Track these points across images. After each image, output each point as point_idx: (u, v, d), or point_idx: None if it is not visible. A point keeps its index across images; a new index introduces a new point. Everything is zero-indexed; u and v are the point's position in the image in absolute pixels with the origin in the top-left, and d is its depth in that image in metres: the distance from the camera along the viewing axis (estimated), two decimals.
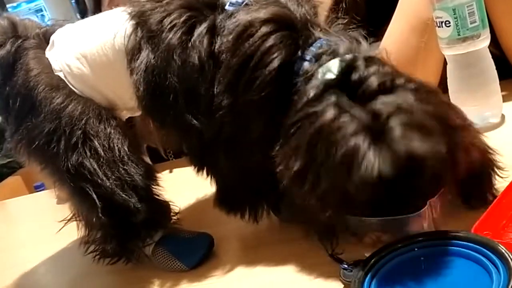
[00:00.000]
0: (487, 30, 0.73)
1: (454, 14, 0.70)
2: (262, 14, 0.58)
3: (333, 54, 0.56)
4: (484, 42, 0.72)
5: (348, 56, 0.55)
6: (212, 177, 0.68)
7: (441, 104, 0.54)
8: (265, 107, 0.58)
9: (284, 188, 0.55)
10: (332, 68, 0.54)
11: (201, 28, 0.60)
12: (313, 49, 0.58)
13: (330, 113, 0.51)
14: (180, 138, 0.68)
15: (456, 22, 0.71)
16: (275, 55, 0.56)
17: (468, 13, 0.70)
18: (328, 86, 0.53)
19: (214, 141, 0.62)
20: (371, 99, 0.50)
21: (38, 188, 2.07)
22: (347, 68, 0.54)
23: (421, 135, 0.48)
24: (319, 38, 0.58)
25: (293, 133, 0.54)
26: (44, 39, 0.70)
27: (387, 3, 0.89)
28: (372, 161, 0.47)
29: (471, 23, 0.71)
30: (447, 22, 0.71)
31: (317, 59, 0.56)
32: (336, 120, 0.50)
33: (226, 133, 0.60)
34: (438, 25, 0.73)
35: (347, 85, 0.53)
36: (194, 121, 0.61)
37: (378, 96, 0.50)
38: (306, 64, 0.57)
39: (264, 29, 0.57)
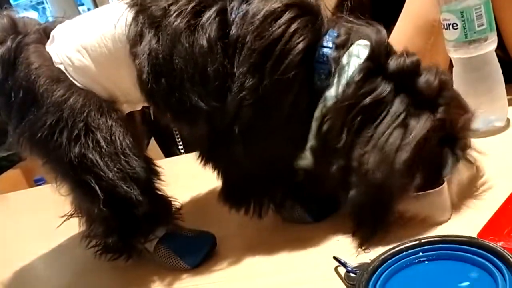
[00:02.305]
0: (495, 34, 0.72)
1: (461, 16, 0.70)
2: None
3: (359, 39, 0.60)
4: (491, 45, 0.72)
5: (374, 42, 0.59)
6: (219, 170, 0.68)
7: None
8: (292, 88, 0.60)
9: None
10: (359, 53, 0.59)
11: (211, 12, 0.60)
12: (329, 37, 0.61)
13: (397, 108, 0.58)
14: (186, 126, 0.68)
15: (464, 25, 0.70)
16: (301, 38, 0.59)
17: (476, 16, 0.70)
18: (369, 73, 0.58)
19: (228, 128, 0.62)
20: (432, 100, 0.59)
21: (38, 182, 2.07)
22: (377, 54, 0.59)
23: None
24: (333, 26, 0.62)
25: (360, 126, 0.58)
26: (44, 34, 0.71)
27: (393, 3, 0.89)
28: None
29: (478, 26, 0.70)
30: (454, 25, 0.71)
31: (343, 46, 0.60)
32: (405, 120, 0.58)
33: (245, 117, 0.60)
34: (445, 27, 0.73)
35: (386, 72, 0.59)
36: (200, 102, 0.61)
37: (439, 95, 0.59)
38: (328, 51, 0.60)
39: (289, 13, 0.59)
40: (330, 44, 0.60)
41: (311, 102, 0.61)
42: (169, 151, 1.40)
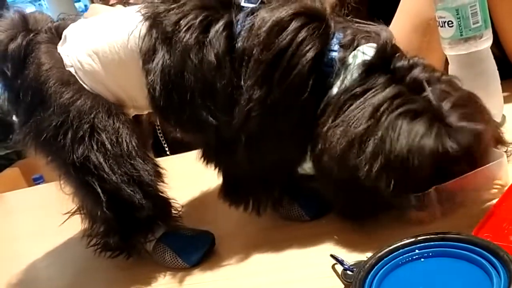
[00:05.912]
0: (490, 31, 0.72)
1: (457, 14, 0.70)
2: (291, 8, 0.59)
3: (364, 39, 0.60)
4: (486, 42, 0.72)
5: (381, 41, 0.59)
6: (220, 170, 0.69)
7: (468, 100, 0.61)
8: (301, 96, 0.59)
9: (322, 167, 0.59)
10: (367, 52, 0.59)
11: (218, 26, 0.60)
12: (336, 40, 0.61)
13: (389, 91, 0.57)
14: (196, 136, 0.69)
15: (459, 22, 0.71)
16: (309, 46, 0.58)
17: (471, 13, 0.70)
18: (370, 68, 0.58)
19: (234, 137, 0.62)
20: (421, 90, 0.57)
21: (37, 180, 2.06)
22: (382, 53, 0.59)
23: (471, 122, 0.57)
24: (339, 28, 0.62)
25: (344, 111, 0.58)
26: (56, 33, 0.70)
27: (389, 4, 0.89)
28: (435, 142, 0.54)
29: (473, 24, 0.71)
30: (449, 22, 0.71)
31: (348, 46, 0.60)
32: (395, 100, 0.56)
33: (252, 127, 0.60)
34: (441, 25, 0.73)
35: (388, 69, 0.59)
36: (211, 118, 0.62)
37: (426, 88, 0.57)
38: (335, 54, 0.60)
39: (296, 23, 0.59)
40: (336, 48, 0.60)
41: (319, 105, 0.61)
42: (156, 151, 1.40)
